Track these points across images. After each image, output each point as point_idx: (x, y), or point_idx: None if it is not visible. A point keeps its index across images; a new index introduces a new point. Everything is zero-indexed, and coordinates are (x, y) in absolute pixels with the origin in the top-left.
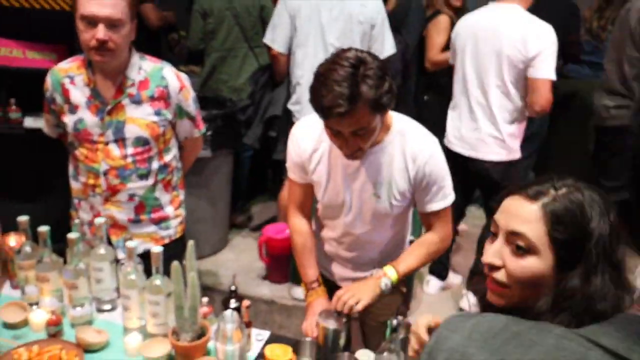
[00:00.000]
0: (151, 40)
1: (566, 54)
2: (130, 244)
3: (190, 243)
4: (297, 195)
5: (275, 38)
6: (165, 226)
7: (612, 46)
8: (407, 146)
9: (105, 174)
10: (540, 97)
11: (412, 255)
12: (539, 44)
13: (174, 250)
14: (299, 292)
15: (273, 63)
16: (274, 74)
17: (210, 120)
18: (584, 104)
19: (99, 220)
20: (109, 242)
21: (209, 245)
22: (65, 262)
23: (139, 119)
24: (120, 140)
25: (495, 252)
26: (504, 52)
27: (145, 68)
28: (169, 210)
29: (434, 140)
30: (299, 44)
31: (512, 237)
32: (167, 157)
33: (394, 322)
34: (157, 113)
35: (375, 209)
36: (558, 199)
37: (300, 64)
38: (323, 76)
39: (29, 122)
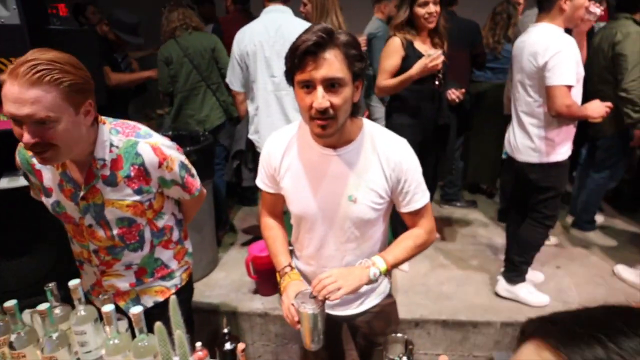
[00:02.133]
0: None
1: (475, 63)
2: (106, 308)
3: (172, 298)
4: (268, 203)
5: (232, 79)
6: (170, 278)
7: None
8: (379, 146)
9: (96, 252)
10: (553, 103)
11: (400, 247)
12: (548, 54)
13: (183, 296)
14: None
15: (234, 100)
16: (237, 111)
17: (187, 156)
18: (492, 100)
19: (73, 283)
20: (117, 308)
21: (201, 268)
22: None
23: (118, 201)
24: (102, 222)
25: None
26: (524, 66)
27: (117, 144)
28: (173, 265)
29: (403, 139)
30: (252, 79)
31: None
32: (161, 223)
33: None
34: (138, 192)
35: (352, 215)
36: None
37: (255, 98)
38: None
39: (4, 183)
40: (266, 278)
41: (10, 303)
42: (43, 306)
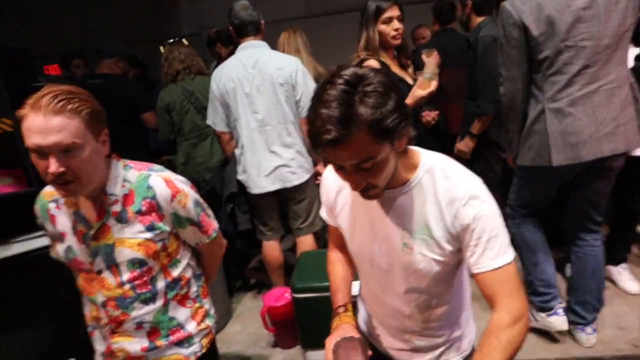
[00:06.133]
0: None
1: None
2: None
3: None
4: (333, 235)
5: (215, 120)
6: (187, 344)
7: None
8: (441, 185)
9: (104, 305)
10: None
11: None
12: None
13: None
14: (312, 355)
15: (219, 141)
16: (224, 152)
17: None
18: None
19: None
20: None
21: None
22: None
23: (129, 239)
24: (113, 267)
25: None
26: None
27: (130, 179)
28: (191, 327)
29: (476, 177)
30: (235, 118)
31: None
32: (176, 272)
33: None
34: (150, 228)
35: (410, 266)
36: None
37: (239, 136)
38: (314, 99)
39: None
40: (285, 329)
41: None
42: None
